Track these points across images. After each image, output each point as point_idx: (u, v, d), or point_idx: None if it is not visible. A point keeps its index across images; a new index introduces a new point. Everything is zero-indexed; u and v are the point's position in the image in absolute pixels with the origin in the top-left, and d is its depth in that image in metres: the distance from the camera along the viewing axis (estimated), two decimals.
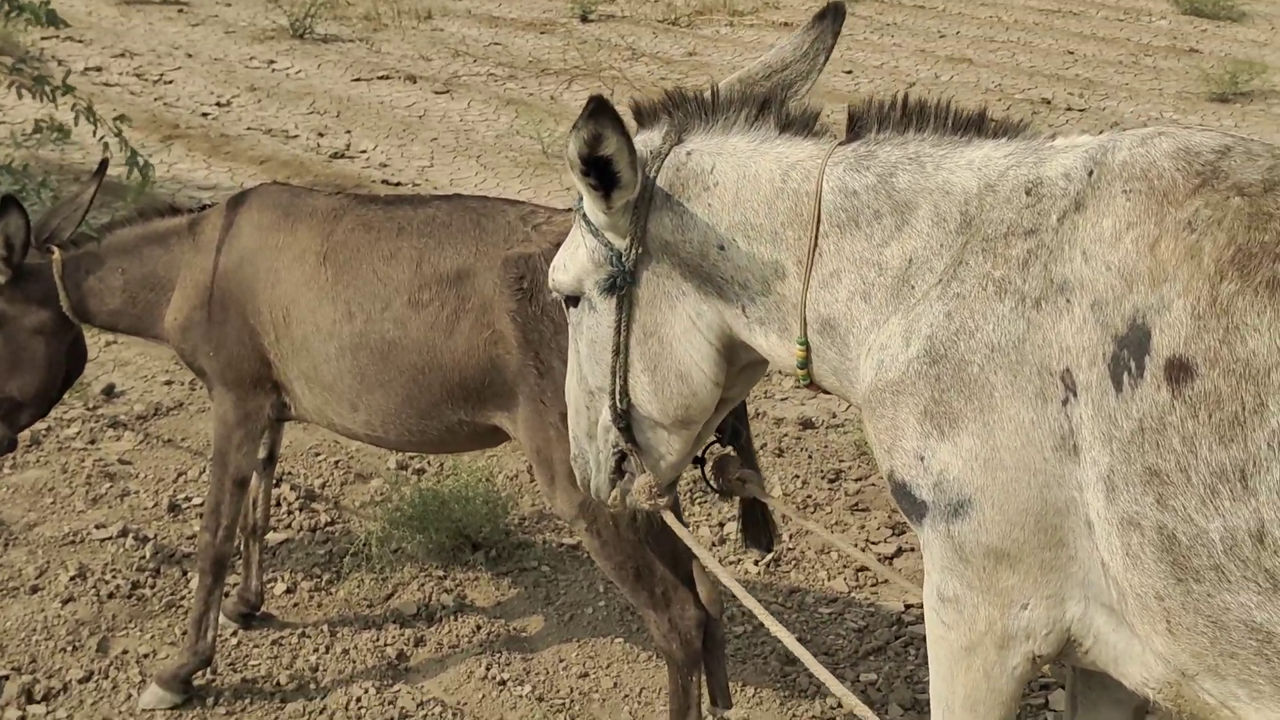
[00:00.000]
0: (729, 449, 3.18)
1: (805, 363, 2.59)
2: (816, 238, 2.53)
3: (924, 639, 4.44)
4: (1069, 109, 11.41)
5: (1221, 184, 2.18)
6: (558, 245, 3.40)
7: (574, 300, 2.75)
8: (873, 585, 4.79)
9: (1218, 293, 2.08)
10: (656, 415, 2.73)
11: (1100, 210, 2.25)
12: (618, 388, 2.71)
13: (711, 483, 3.18)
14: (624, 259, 2.62)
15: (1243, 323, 2.06)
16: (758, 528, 3.41)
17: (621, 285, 2.64)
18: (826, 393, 2.72)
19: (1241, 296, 2.07)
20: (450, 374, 3.50)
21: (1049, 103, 11.54)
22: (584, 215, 2.68)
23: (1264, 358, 2.04)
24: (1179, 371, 2.09)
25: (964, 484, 2.35)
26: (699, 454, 3.08)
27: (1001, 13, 15.59)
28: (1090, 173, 2.29)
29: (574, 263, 2.72)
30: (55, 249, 4.06)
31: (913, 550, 4.98)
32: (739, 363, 2.75)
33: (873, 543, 5.03)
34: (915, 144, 2.51)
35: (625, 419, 2.75)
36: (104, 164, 4.31)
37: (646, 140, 2.65)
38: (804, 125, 2.61)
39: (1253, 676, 2.15)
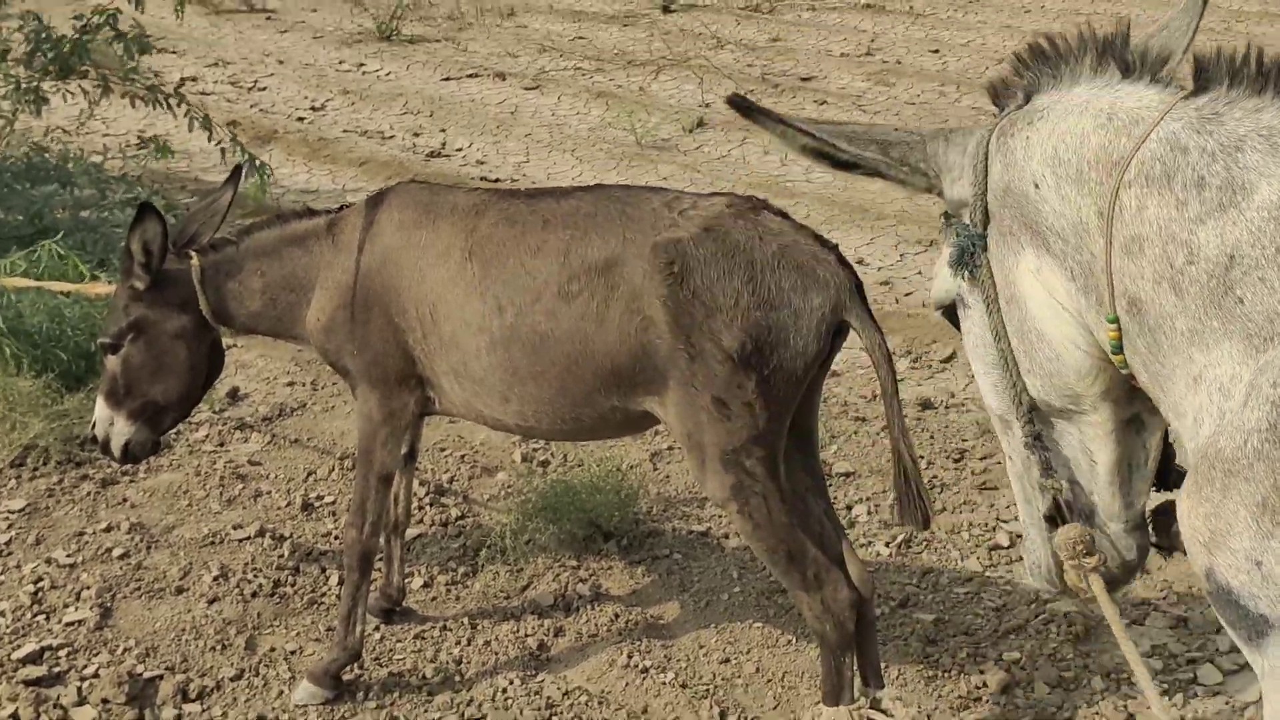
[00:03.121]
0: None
1: (1119, 346, 2.19)
2: (1119, 185, 2.13)
3: (1063, 616, 4.43)
4: None
5: None
6: (706, 230, 3.43)
7: (953, 312, 2.47)
8: (1007, 563, 4.76)
9: None
10: (1041, 393, 2.34)
11: None
12: (1013, 377, 2.34)
13: (1154, 537, 2.55)
14: (970, 221, 2.35)
15: None
16: (913, 504, 3.43)
17: (973, 252, 2.35)
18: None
19: None
20: (602, 362, 3.53)
21: None
22: (943, 215, 2.45)
23: None
24: None
25: None
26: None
27: None
28: None
29: (940, 265, 2.45)
30: (194, 254, 4.12)
31: None
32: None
33: (1003, 521, 5.00)
34: (1272, 113, 2.07)
35: (1033, 423, 2.37)
36: (238, 169, 4.39)
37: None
38: (1150, 71, 2.23)
39: None
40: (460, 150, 9.77)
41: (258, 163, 7.11)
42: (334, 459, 5.48)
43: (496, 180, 8.99)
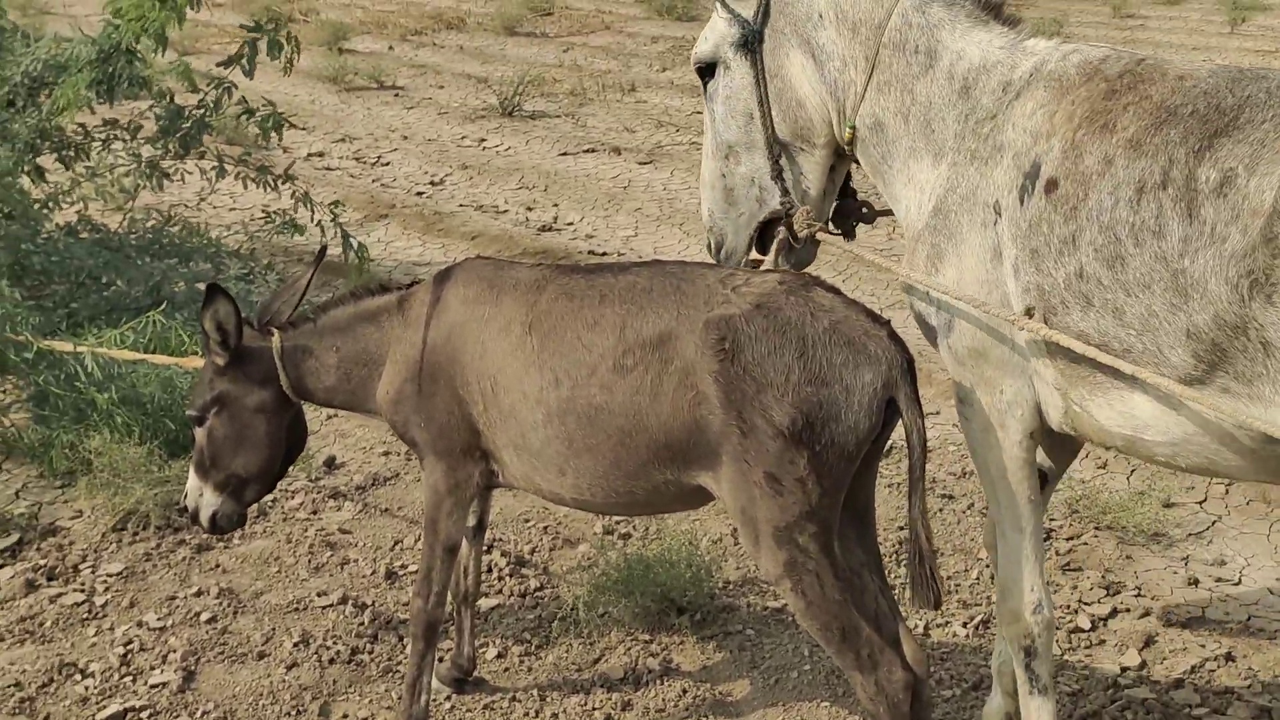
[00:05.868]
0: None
1: (851, 143, 3.63)
2: (879, 45, 3.48)
3: (1140, 703, 4.34)
4: None
5: (1097, 76, 3.22)
6: (757, 306, 3.47)
7: (710, 70, 3.76)
8: (1086, 648, 4.66)
9: (1076, 136, 3.13)
10: (788, 136, 3.68)
11: (1028, 98, 3.29)
12: (770, 129, 3.67)
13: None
14: (755, 21, 3.66)
15: (1085, 150, 3.10)
16: (925, 584, 3.43)
17: (752, 42, 3.64)
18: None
19: (1088, 137, 3.11)
20: (656, 436, 3.56)
21: None
22: (720, 2, 3.73)
23: (1091, 167, 3.08)
24: (1051, 185, 3.14)
25: (949, 305, 3.35)
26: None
27: None
28: (1032, 75, 3.32)
29: (713, 33, 3.74)
30: (275, 330, 4.25)
31: (1128, 611, 4.84)
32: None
33: (1085, 603, 4.90)
34: (959, 5, 3.50)
35: (779, 160, 3.69)
36: (323, 250, 4.51)
37: None
38: None
39: (1087, 374, 3.16)
40: (571, 224, 9.92)
41: (355, 243, 7.30)
42: (420, 529, 5.56)
43: (604, 254, 9.11)
